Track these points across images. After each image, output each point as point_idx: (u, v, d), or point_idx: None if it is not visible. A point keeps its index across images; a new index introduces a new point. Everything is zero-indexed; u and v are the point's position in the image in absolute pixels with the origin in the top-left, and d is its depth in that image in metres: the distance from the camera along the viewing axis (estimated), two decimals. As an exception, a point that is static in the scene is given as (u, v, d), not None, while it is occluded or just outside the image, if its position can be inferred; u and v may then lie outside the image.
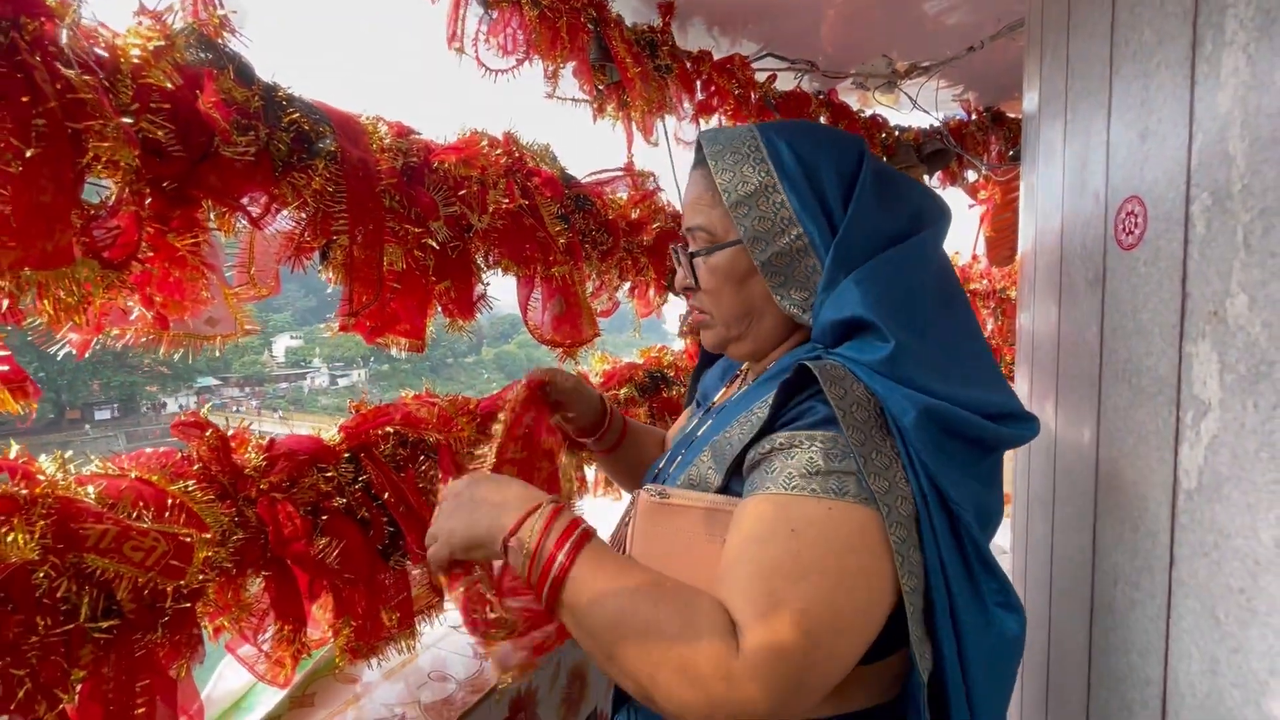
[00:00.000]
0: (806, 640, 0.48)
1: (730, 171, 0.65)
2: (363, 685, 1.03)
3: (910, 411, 0.53)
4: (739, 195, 0.64)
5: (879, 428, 0.54)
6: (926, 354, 0.57)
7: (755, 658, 0.48)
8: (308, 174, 0.78)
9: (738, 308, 0.68)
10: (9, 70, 0.52)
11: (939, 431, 0.54)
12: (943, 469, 0.53)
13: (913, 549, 0.53)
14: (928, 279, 0.62)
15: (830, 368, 0.56)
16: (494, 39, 1.34)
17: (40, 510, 0.54)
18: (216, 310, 0.78)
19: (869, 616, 0.52)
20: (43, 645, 0.53)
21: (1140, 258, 0.68)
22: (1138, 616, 0.68)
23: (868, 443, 0.53)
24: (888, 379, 0.55)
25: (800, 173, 0.63)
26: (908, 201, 0.66)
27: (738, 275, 0.67)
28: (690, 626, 0.50)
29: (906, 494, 0.53)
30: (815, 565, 0.51)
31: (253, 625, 0.80)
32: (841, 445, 0.53)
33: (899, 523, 0.52)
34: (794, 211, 0.63)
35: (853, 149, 0.65)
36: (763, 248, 0.64)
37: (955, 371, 0.57)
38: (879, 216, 0.63)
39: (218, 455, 0.74)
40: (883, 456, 0.53)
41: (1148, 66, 0.66)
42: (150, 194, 0.66)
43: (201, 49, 0.70)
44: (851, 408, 0.54)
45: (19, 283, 0.53)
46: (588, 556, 0.54)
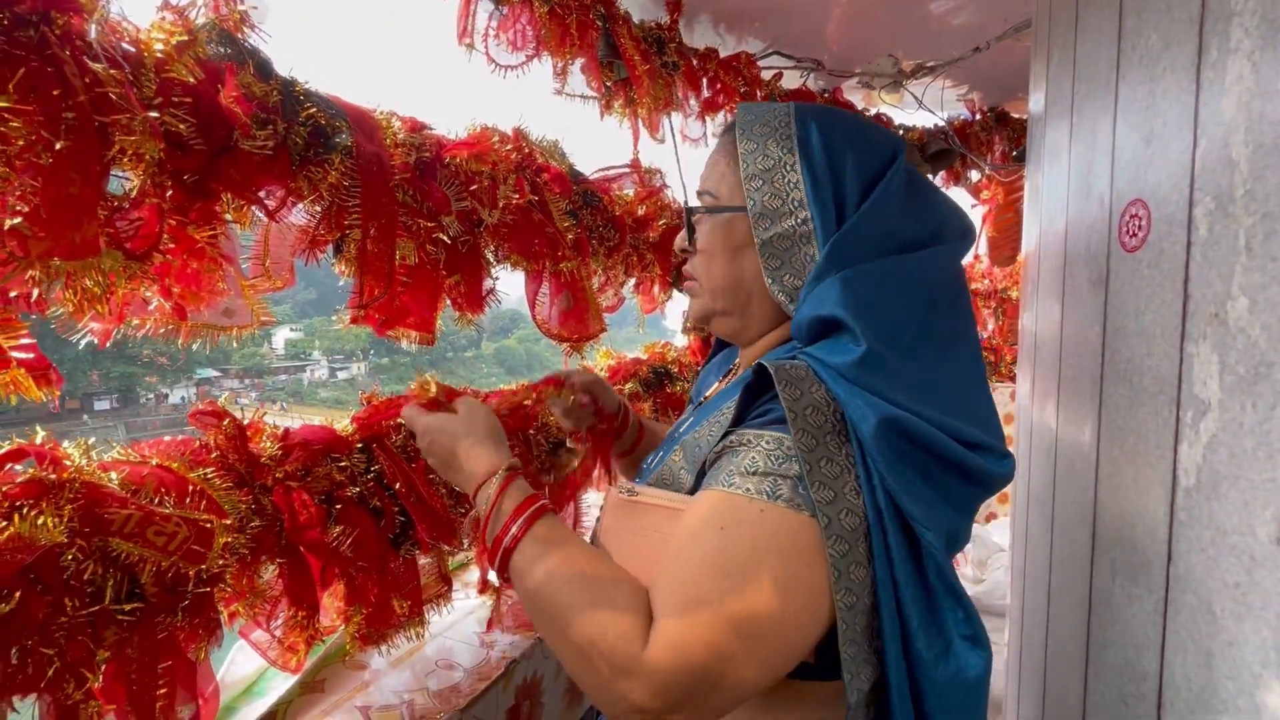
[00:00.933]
0: (716, 638, 0.48)
1: (754, 142, 0.63)
2: (371, 672, 1.04)
3: (870, 419, 0.50)
4: (756, 168, 0.62)
5: (835, 434, 0.52)
6: (904, 370, 0.54)
7: (660, 650, 0.48)
8: (324, 168, 0.79)
9: (727, 279, 0.65)
10: (40, 64, 0.53)
11: (902, 443, 0.51)
12: (905, 484, 0.50)
13: (855, 565, 0.50)
14: (929, 295, 0.59)
15: (791, 368, 0.54)
16: (504, 35, 1.35)
17: (68, 494, 0.55)
18: (233, 301, 0.80)
19: (794, 624, 0.49)
20: (70, 626, 0.54)
21: (1143, 260, 0.69)
22: (1135, 612, 0.69)
23: (818, 449, 0.51)
24: (853, 384, 0.52)
25: (823, 158, 0.61)
26: (932, 213, 0.63)
27: (733, 243, 0.65)
28: (606, 610, 0.52)
29: (855, 506, 0.51)
30: (738, 565, 0.49)
31: (266, 611, 0.81)
32: (786, 448, 0.52)
33: (840, 535, 0.50)
34: (805, 194, 0.60)
35: (886, 147, 0.63)
36: (767, 225, 0.61)
37: (935, 396, 0.54)
38: (896, 220, 0.60)
39: (235, 444, 0.76)
40: (833, 465, 0.51)
41: (1154, 71, 0.68)
42: (171, 186, 0.68)
43: (222, 44, 0.71)
44: (805, 411, 0.51)
45: (48, 272, 0.54)
46: (537, 534, 0.59)
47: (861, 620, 0.51)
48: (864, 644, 0.52)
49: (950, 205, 0.66)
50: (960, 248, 0.65)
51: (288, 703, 0.96)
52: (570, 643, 0.52)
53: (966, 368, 0.60)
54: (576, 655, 0.52)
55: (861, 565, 0.51)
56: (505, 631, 1.17)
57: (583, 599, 0.53)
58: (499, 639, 1.15)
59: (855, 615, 0.51)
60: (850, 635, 0.50)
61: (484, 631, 1.17)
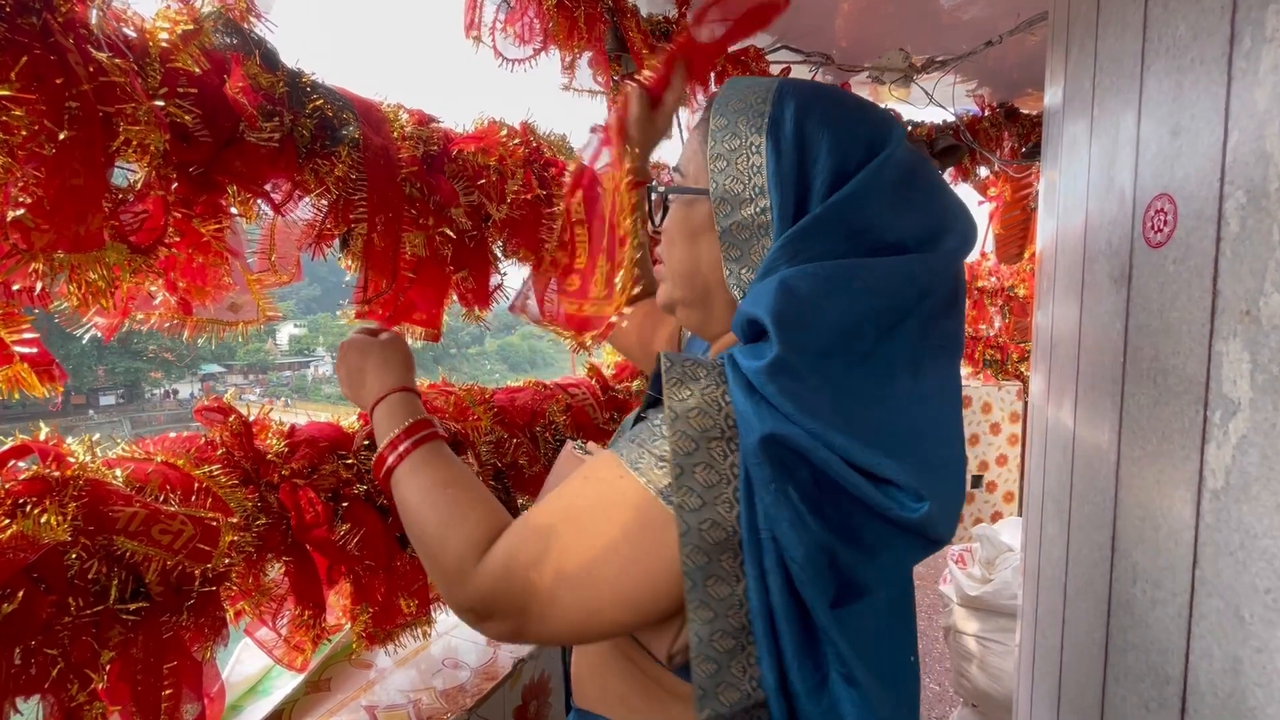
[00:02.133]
0: (529, 572, 0.52)
1: (726, 119, 0.56)
2: (377, 671, 1.04)
3: (755, 432, 0.46)
4: (723, 147, 0.56)
5: (723, 441, 0.48)
6: (820, 385, 0.48)
7: (486, 565, 0.55)
8: (330, 161, 0.77)
9: (685, 265, 0.60)
10: (43, 52, 0.52)
11: (786, 464, 0.47)
12: (782, 508, 0.46)
13: (716, 580, 0.48)
14: (895, 307, 0.51)
15: (691, 365, 0.51)
16: (511, 28, 1.33)
17: (71, 492, 0.54)
18: (238, 296, 0.79)
19: (611, 593, 0.50)
20: (74, 625, 0.53)
21: (1169, 256, 0.67)
22: (1158, 615, 0.68)
23: (695, 453, 0.48)
24: (756, 393, 0.48)
25: (793, 140, 0.53)
26: (930, 212, 0.54)
27: (690, 228, 0.59)
28: (457, 524, 0.59)
29: (725, 521, 0.48)
30: (577, 514, 0.52)
31: (272, 609, 0.80)
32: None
33: (698, 547, 0.47)
34: (768, 180, 0.53)
35: (875, 132, 0.54)
36: (727, 212, 0.55)
37: (853, 420, 0.47)
38: (877, 216, 0.52)
39: (240, 441, 0.75)
40: (711, 473, 0.48)
41: (1181, 62, 0.66)
42: (176, 179, 0.66)
43: (228, 34, 0.70)
44: (690, 413, 0.49)
45: (52, 265, 0.53)
46: (421, 454, 0.66)
47: (723, 641, 0.48)
48: (725, 664, 0.49)
49: (955, 205, 0.56)
50: (957, 253, 0.55)
51: (293, 701, 0.95)
52: (425, 547, 0.61)
53: (926, 395, 0.51)
54: (428, 558, 0.60)
55: (725, 583, 0.48)
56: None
57: (440, 513, 0.60)
58: (506, 638, 1.14)
59: (712, 632, 0.48)
60: (705, 651, 0.48)
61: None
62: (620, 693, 0.60)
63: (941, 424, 0.52)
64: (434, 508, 0.61)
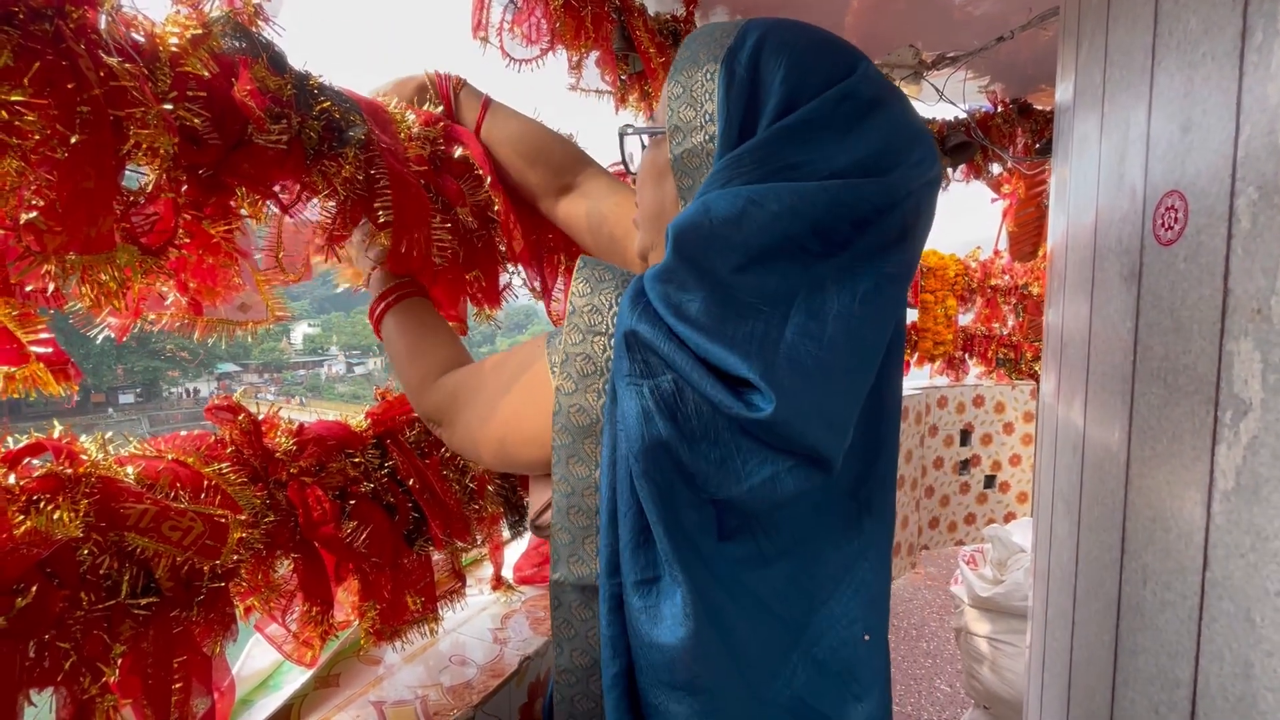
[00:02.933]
0: (461, 397, 0.68)
1: (689, 51, 0.55)
2: (385, 667, 1.05)
3: (621, 328, 0.49)
4: (681, 76, 0.54)
5: (604, 336, 0.52)
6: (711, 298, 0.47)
7: (437, 386, 0.71)
8: (338, 162, 0.78)
9: (652, 207, 0.60)
10: (55, 57, 0.53)
11: (646, 363, 0.48)
12: (630, 401, 0.47)
13: (575, 460, 0.53)
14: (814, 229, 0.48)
15: (600, 269, 0.54)
16: (518, 28, 1.34)
17: (84, 489, 0.55)
18: (249, 296, 0.80)
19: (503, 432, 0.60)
20: (86, 620, 0.54)
21: (1180, 253, 0.66)
22: (1168, 618, 0.67)
23: (579, 345, 0.53)
24: (641, 296, 0.49)
25: (747, 68, 0.51)
26: (874, 143, 0.50)
27: (656, 169, 0.58)
28: (422, 354, 0.76)
29: (590, 408, 0.52)
30: (504, 366, 0.63)
31: (281, 605, 0.81)
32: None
33: (564, 427, 0.53)
34: (716, 107, 0.52)
35: (836, 64, 0.51)
36: (679, 139, 0.54)
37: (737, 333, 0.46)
38: (819, 147, 0.49)
39: (249, 439, 0.75)
40: (588, 364, 0.52)
41: (1193, 57, 0.65)
42: (186, 181, 0.67)
43: (236, 37, 0.71)
44: (584, 309, 0.53)
45: (64, 267, 0.54)
46: (402, 307, 0.82)
47: (577, 517, 0.53)
48: (578, 539, 0.53)
49: (912, 135, 0.52)
50: (913, 178, 0.50)
51: (303, 696, 0.96)
52: (400, 367, 0.78)
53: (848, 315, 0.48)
54: (402, 376, 0.78)
55: (584, 464, 0.53)
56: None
57: (411, 343, 0.78)
58: (512, 636, 1.15)
59: (569, 506, 0.53)
60: (562, 523, 0.54)
61: (497, 628, 1.17)
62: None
63: (854, 340, 0.48)
64: (410, 338, 0.78)
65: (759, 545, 0.51)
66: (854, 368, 0.49)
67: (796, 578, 0.53)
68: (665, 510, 0.47)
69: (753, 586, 0.51)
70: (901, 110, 0.52)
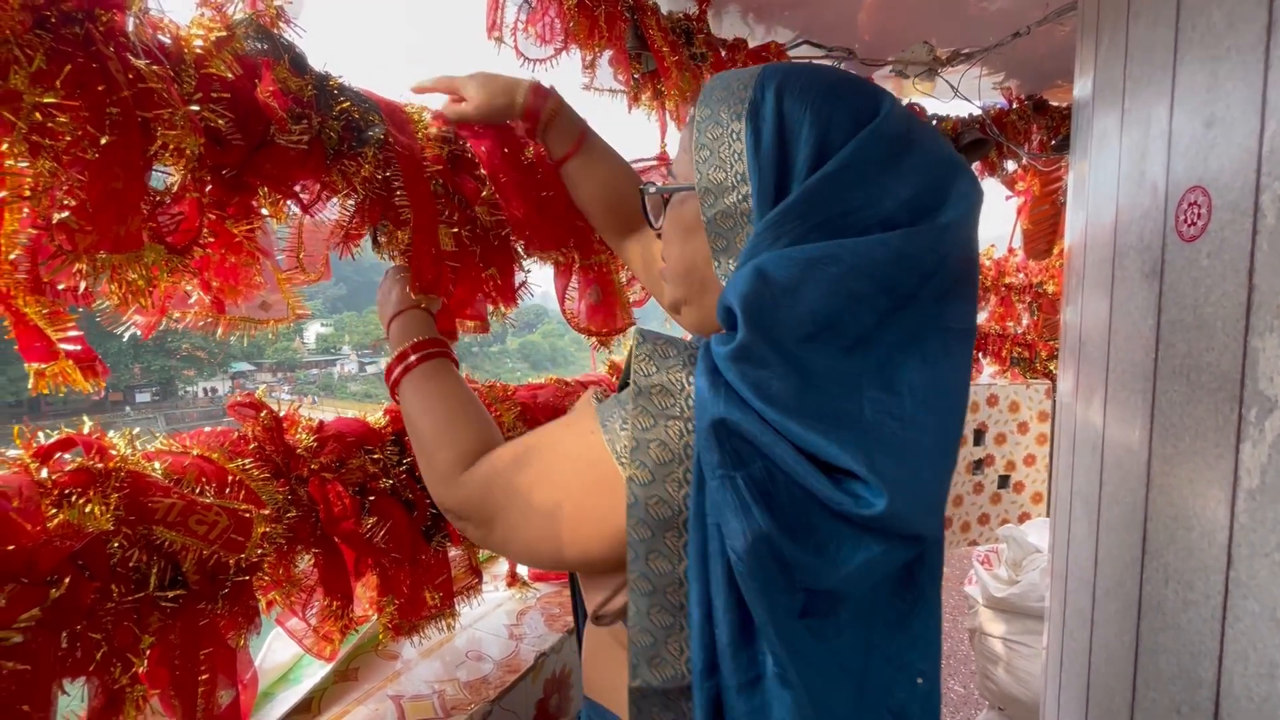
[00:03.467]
0: (494, 493, 0.59)
1: (709, 108, 0.54)
2: (403, 662, 1.06)
3: (707, 416, 0.45)
4: (705, 137, 0.53)
5: (680, 420, 0.48)
6: (791, 375, 0.45)
7: (467, 476, 0.62)
8: (357, 161, 0.79)
9: (681, 264, 0.58)
10: (85, 60, 0.54)
11: (737, 452, 0.45)
12: (725, 495, 0.45)
13: (658, 556, 0.48)
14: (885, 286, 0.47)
15: (661, 344, 0.50)
16: (532, 28, 1.34)
17: (114, 483, 0.56)
18: (269, 295, 0.81)
19: (558, 531, 0.54)
20: (117, 611, 0.55)
21: (1203, 250, 0.66)
22: (1191, 618, 0.66)
23: (652, 430, 0.48)
24: (718, 376, 0.46)
25: (772, 123, 0.50)
26: (918, 183, 0.49)
27: (683, 226, 0.57)
28: (448, 436, 0.66)
29: (672, 499, 0.47)
30: (549, 454, 0.57)
31: (302, 600, 0.82)
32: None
33: (643, 520, 0.48)
34: (747, 166, 0.51)
35: (861, 105, 0.51)
36: (711, 201, 0.53)
37: (827, 412, 0.45)
38: (861, 194, 0.48)
39: (271, 435, 0.77)
40: (664, 451, 0.48)
41: (1216, 51, 0.64)
42: (210, 181, 0.69)
43: (259, 39, 0.72)
44: (653, 390, 0.49)
45: (95, 265, 0.56)
46: (427, 368, 0.73)
47: (660, 616, 0.49)
48: (661, 640, 0.49)
49: (953, 171, 0.51)
50: (961, 223, 0.50)
51: (322, 690, 0.98)
52: (421, 450, 0.69)
53: (927, 382, 0.47)
54: (424, 461, 0.68)
55: (666, 560, 0.48)
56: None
57: (437, 421, 0.68)
58: (527, 632, 1.15)
59: (650, 606, 0.49)
60: (643, 624, 0.49)
61: (513, 624, 1.18)
62: (616, 684, 0.60)
63: (939, 407, 0.48)
64: (432, 416, 0.68)
65: (838, 621, 0.48)
66: (942, 444, 0.48)
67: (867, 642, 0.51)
68: (772, 608, 0.45)
69: (838, 664, 0.48)
70: (933, 141, 0.52)
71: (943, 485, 0.49)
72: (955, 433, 0.49)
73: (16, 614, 0.48)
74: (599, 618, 0.55)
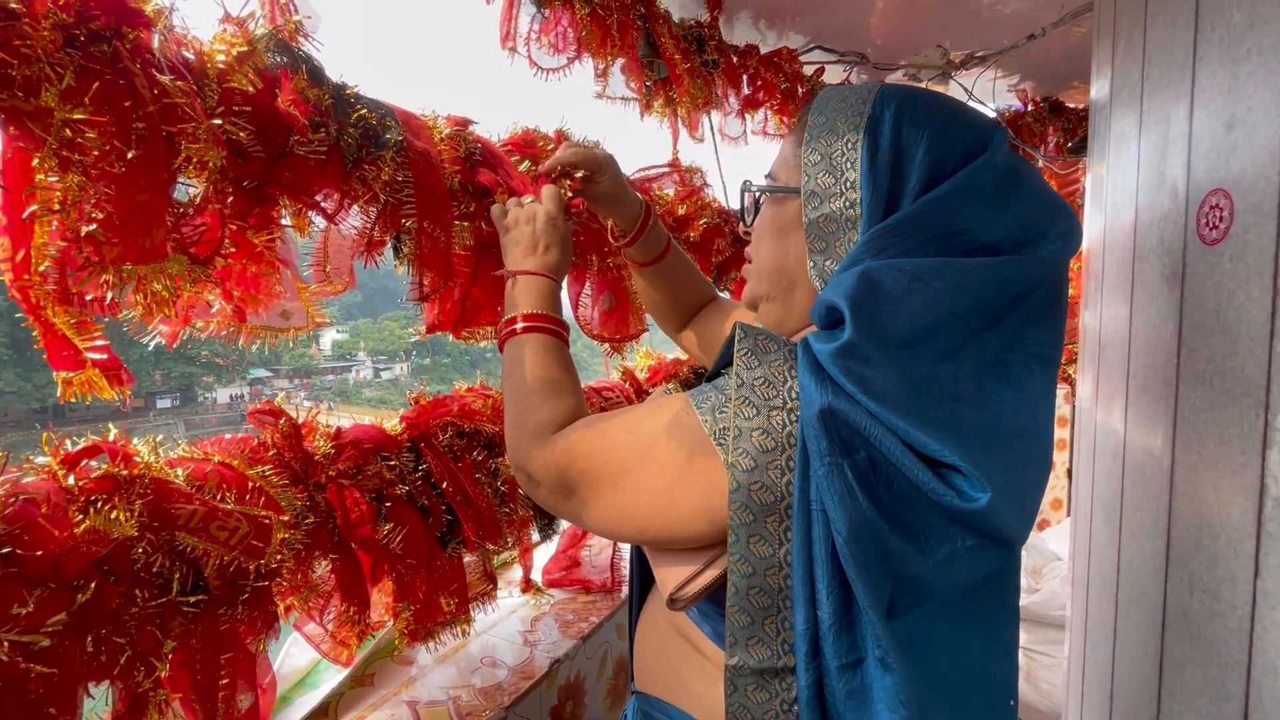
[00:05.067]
0: (586, 463, 0.59)
1: (824, 116, 0.57)
2: (418, 668, 1.06)
3: (814, 405, 0.47)
4: (818, 143, 0.57)
5: (782, 411, 0.49)
6: (890, 373, 0.47)
7: (556, 442, 0.62)
8: (376, 166, 0.80)
9: (773, 261, 0.61)
10: (113, 77, 0.55)
11: (843, 440, 0.46)
12: (833, 481, 0.46)
13: (758, 540, 0.49)
14: (982, 307, 0.50)
15: (765, 339, 0.52)
16: (545, 38, 1.35)
17: (138, 490, 0.58)
18: (289, 304, 0.82)
19: (649, 507, 0.55)
20: (140, 616, 0.56)
21: (1225, 253, 0.65)
22: (1218, 628, 0.65)
23: (755, 419, 0.50)
24: (821, 371, 0.48)
25: (890, 138, 0.53)
26: (1022, 215, 0.52)
27: (779, 225, 0.61)
28: (548, 400, 0.66)
29: (775, 485, 0.49)
30: (643, 430, 0.56)
31: (319, 605, 0.83)
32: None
33: (745, 504, 0.49)
34: (860, 174, 0.54)
35: (974, 136, 0.54)
36: (816, 204, 0.56)
37: (928, 412, 0.47)
38: (971, 219, 0.51)
39: (290, 442, 0.78)
40: (767, 439, 0.49)
41: (1237, 52, 0.63)
42: (232, 193, 0.70)
43: (279, 53, 0.73)
44: (756, 381, 0.50)
45: (121, 276, 0.57)
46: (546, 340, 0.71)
47: (759, 598, 0.50)
48: (759, 620, 0.50)
49: (1057, 207, 0.54)
50: (1057, 256, 0.53)
51: (339, 695, 0.98)
52: (517, 404, 0.68)
53: (1014, 400, 0.49)
54: (515, 415, 0.67)
55: (767, 543, 0.50)
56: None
57: (543, 384, 0.67)
58: (542, 639, 1.16)
59: (749, 587, 0.50)
60: (741, 604, 0.50)
61: (527, 630, 1.18)
62: (680, 676, 0.62)
63: (1027, 428, 0.50)
64: (537, 378, 0.68)
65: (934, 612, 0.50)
66: (1033, 461, 0.51)
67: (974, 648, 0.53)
68: (875, 591, 0.46)
69: (940, 656, 0.50)
70: (1038, 179, 0.55)
71: (1035, 499, 0.51)
72: (1045, 456, 0.52)
73: (44, 618, 0.49)
74: (675, 600, 0.55)
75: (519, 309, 0.73)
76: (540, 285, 0.74)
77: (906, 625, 0.48)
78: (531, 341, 0.71)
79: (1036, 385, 0.51)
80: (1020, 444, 0.49)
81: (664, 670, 0.64)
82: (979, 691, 0.53)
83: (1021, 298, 0.51)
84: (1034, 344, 0.51)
